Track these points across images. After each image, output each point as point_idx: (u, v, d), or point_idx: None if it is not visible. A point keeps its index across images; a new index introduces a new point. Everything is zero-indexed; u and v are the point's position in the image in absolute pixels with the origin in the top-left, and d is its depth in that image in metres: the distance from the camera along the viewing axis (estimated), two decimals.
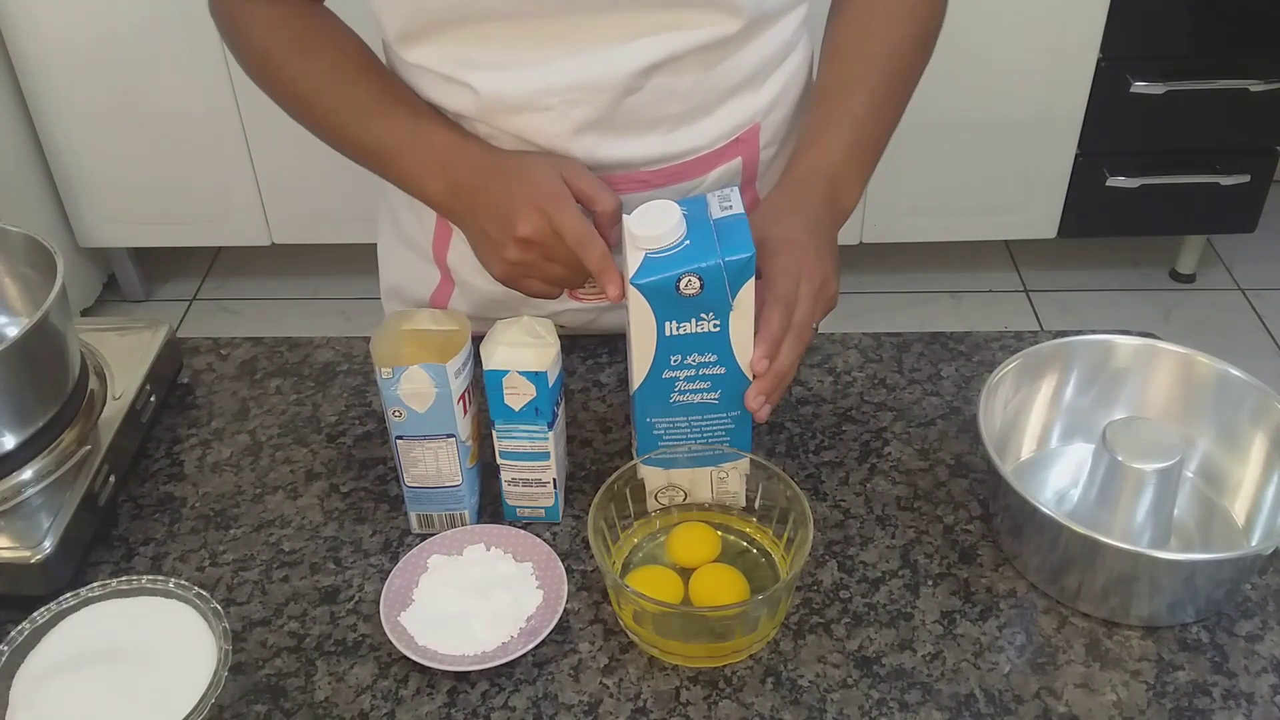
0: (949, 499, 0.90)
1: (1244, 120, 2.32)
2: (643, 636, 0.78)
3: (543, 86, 0.86)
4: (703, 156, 0.93)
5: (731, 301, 0.78)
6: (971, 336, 1.05)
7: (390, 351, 0.84)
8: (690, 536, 0.84)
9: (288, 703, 0.77)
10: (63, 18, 2.19)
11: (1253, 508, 0.86)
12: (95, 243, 2.51)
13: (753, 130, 0.95)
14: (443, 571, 0.83)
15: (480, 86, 0.87)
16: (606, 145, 0.89)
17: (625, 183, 0.91)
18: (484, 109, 0.88)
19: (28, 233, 0.93)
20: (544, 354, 0.82)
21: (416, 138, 0.88)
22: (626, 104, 0.87)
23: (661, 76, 0.87)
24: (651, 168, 0.92)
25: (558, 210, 0.82)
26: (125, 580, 0.77)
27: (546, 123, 0.87)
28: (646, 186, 0.92)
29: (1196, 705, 0.76)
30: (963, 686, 0.77)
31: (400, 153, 0.89)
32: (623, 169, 0.91)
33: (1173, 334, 1.53)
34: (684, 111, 0.90)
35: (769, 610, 0.77)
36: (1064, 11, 2.18)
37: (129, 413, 0.93)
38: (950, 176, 2.41)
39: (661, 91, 0.88)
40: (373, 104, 0.89)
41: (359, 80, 0.91)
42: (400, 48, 0.89)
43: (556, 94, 0.86)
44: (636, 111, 0.88)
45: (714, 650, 0.78)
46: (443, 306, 1.07)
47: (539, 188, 0.83)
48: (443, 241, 1.02)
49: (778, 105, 0.96)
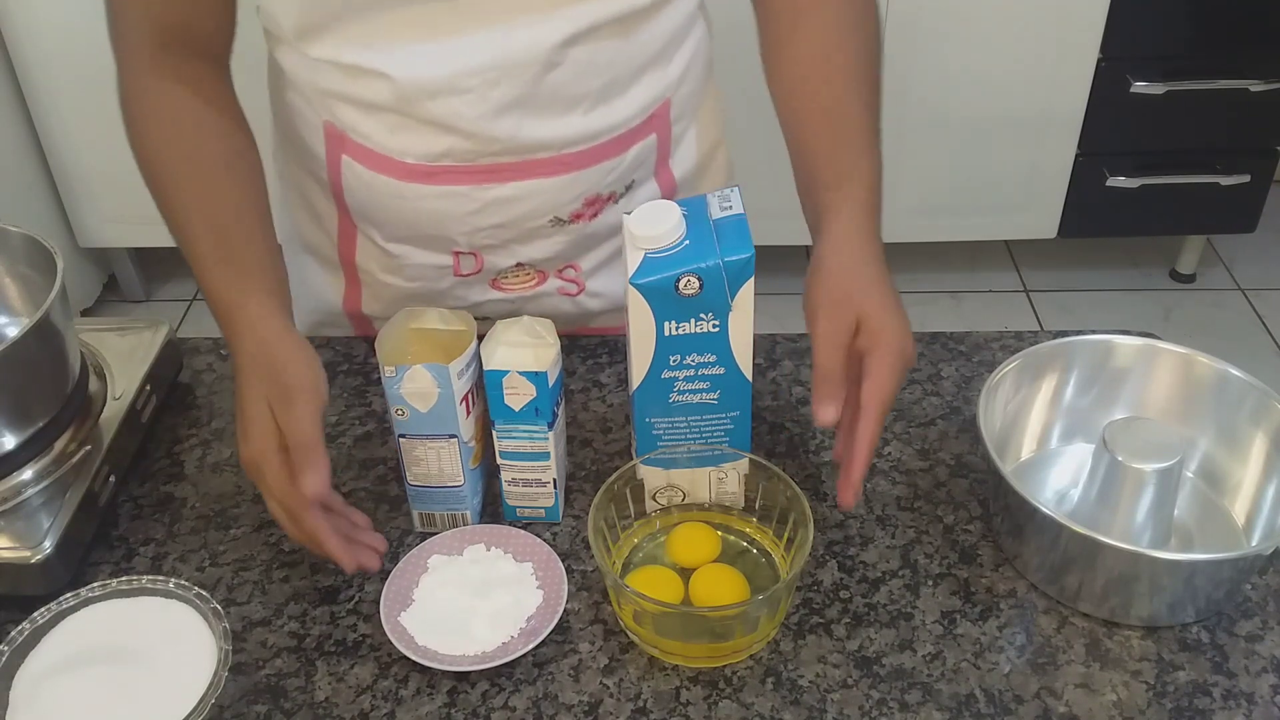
0: (949, 499, 0.90)
1: (1244, 120, 2.32)
2: (643, 637, 0.78)
3: (460, 68, 0.85)
4: (620, 135, 0.94)
5: (731, 302, 0.78)
6: (971, 336, 1.05)
7: (396, 349, 0.84)
8: (690, 537, 0.84)
9: (288, 703, 0.77)
10: (63, 18, 2.19)
11: (1253, 508, 0.86)
12: (95, 243, 2.51)
13: (664, 106, 0.96)
14: (443, 571, 0.83)
15: (395, 73, 0.85)
16: (528, 126, 0.89)
17: (549, 166, 0.92)
18: (401, 97, 0.87)
19: (28, 233, 0.93)
20: (544, 354, 0.82)
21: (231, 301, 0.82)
22: (547, 80, 0.87)
23: (580, 48, 0.87)
24: (573, 149, 0.92)
25: (255, 473, 0.78)
26: (125, 580, 0.77)
27: (466, 105, 0.87)
28: (568, 169, 0.92)
29: (1197, 705, 0.76)
30: (963, 686, 0.77)
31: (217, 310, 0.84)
32: (545, 151, 0.91)
33: (1173, 334, 1.53)
34: (602, 86, 0.90)
35: (769, 610, 0.77)
36: (1064, 11, 2.18)
37: (129, 413, 0.93)
38: (950, 176, 2.41)
39: (581, 65, 0.88)
40: (214, 250, 0.84)
41: (214, 217, 0.86)
42: (302, 44, 0.87)
43: (476, 74, 0.85)
44: (557, 89, 0.88)
45: (714, 650, 0.78)
46: (356, 312, 1.07)
47: (257, 436, 0.78)
48: (348, 242, 1.02)
49: (685, 79, 0.97)
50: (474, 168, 0.91)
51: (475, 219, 0.94)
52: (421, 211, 0.94)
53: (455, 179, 0.91)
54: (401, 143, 0.90)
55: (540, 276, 1.02)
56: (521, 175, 0.92)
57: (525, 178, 0.92)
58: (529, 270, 1.01)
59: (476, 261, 0.99)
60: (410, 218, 0.95)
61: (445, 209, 0.93)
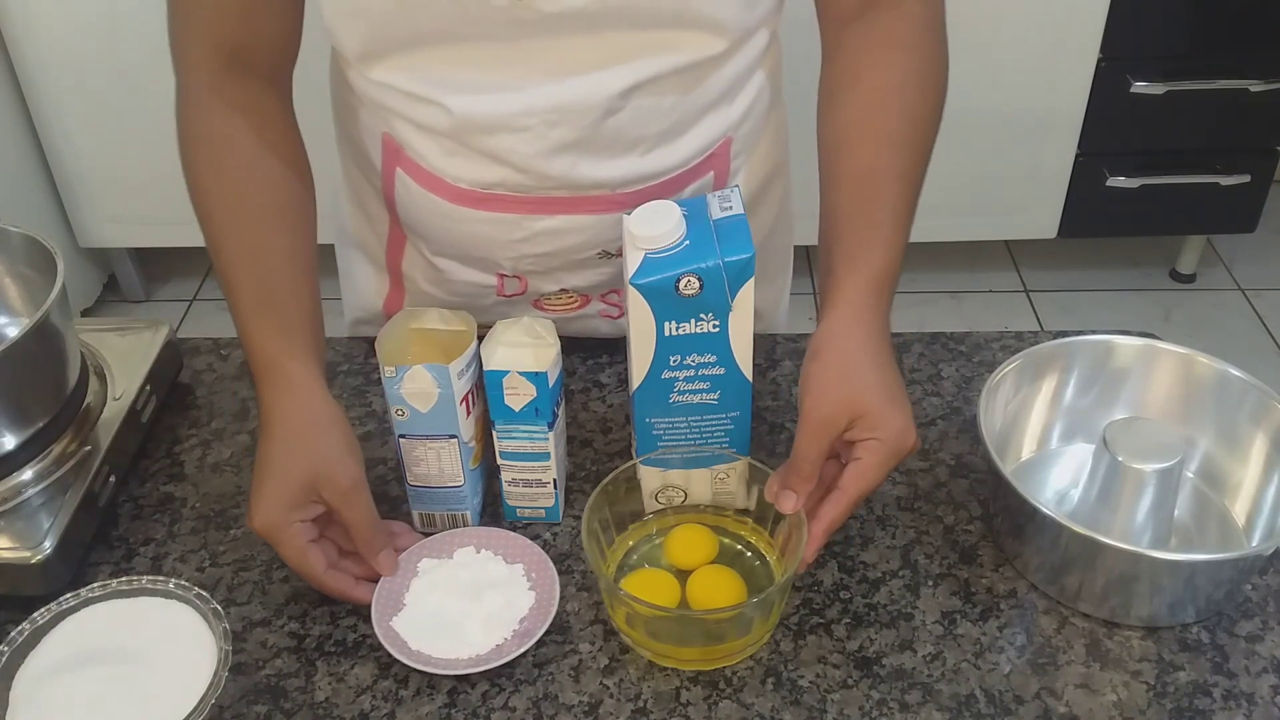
0: (949, 499, 0.90)
1: (1244, 120, 2.32)
2: (636, 640, 0.78)
3: (520, 108, 0.84)
4: (677, 175, 0.91)
5: (731, 302, 0.78)
6: (971, 336, 1.05)
7: (396, 349, 0.84)
8: (687, 539, 0.84)
9: (288, 703, 0.77)
10: (63, 18, 2.19)
11: (1253, 508, 0.86)
12: (95, 243, 2.51)
13: (725, 144, 0.93)
14: (433, 575, 0.82)
15: (454, 107, 0.84)
16: (583, 166, 0.87)
17: (601, 203, 0.90)
18: (457, 128, 0.86)
19: (28, 233, 0.93)
20: (544, 354, 0.82)
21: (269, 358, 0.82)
22: (606, 125, 0.85)
23: (643, 97, 0.85)
24: (629, 189, 0.90)
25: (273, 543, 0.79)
26: (125, 580, 0.77)
27: (522, 143, 0.85)
28: (621, 207, 0.89)
29: (1197, 705, 0.76)
30: (963, 687, 0.77)
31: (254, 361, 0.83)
32: (598, 189, 0.89)
33: (1173, 334, 1.53)
34: (663, 131, 0.88)
35: (762, 613, 0.77)
36: (1064, 11, 2.18)
37: (129, 413, 0.93)
38: (950, 176, 2.40)
39: (642, 112, 0.86)
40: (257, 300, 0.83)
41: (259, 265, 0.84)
42: (363, 67, 0.86)
43: (534, 114, 0.84)
44: (616, 132, 0.86)
45: (708, 654, 0.78)
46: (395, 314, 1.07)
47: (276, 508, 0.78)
48: (397, 248, 1.01)
49: (748, 116, 0.94)
50: (525, 198, 0.89)
51: (522, 246, 0.93)
52: (469, 234, 0.93)
53: (505, 207, 0.90)
54: (455, 167, 0.89)
55: (583, 300, 1.01)
56: (572, 210, 0.90)
57: (576, 212, 0.90)
58: (572, 294, 1.00)
59: (521, 284, 0.98)
60: (457, 238, 0.95)
61: (492, 234, 0.92)
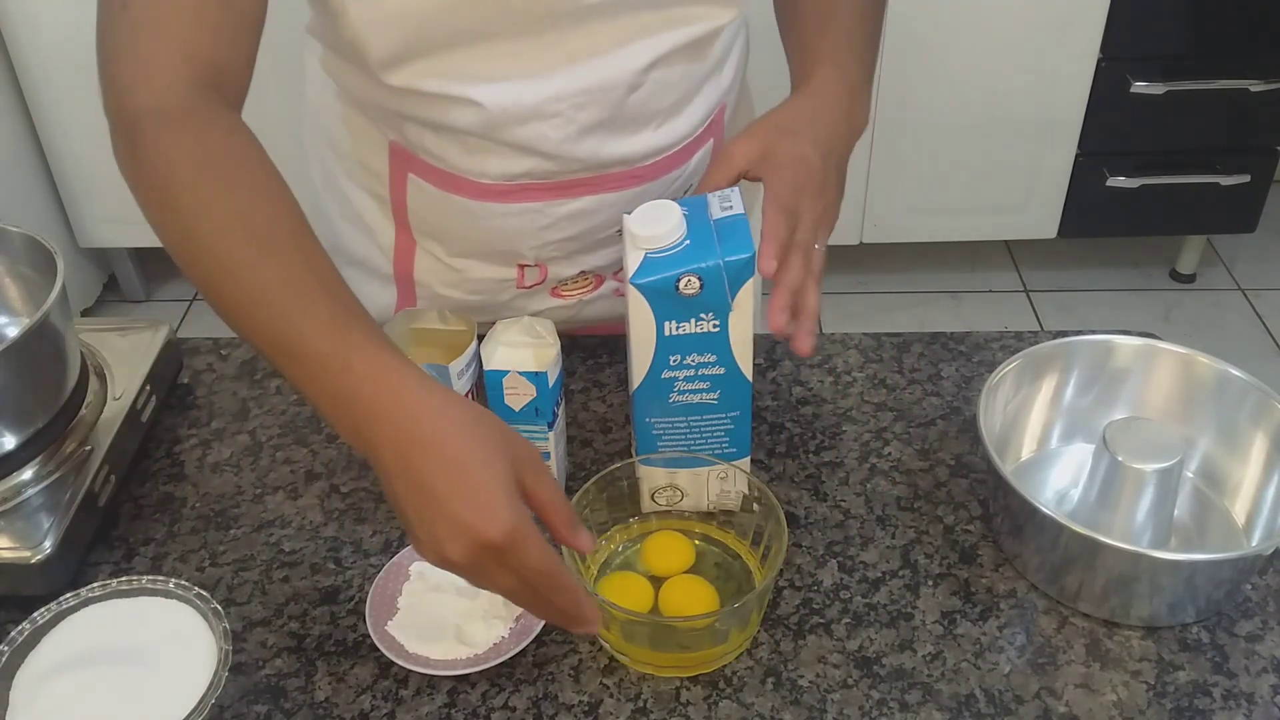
0: (949, 499, 0.90)
1: (1244, 120, 2.32)
2: (612, 644, 0.78)
3: (550, 94, 0.86)
4: (686, 145, 0.95)
5: (731, 302, 0.78)
6: (971, 336, 1.05)
7: None
8: (664, 545, 0.83)
9: (288, 703, 0.77)
10: (63, 18, 2.19)
11: (1253, 508, 0.86)
12: (95, 243, 2.51)
13: (720, 111, 0.98)
14: (427, 576, 0.82)
15: (485, 101, 0.85)
16: (609, 145, 0.90)
17: (620, 180, 0.93)
18: (488, 123, 0.87)
19: (28, 233, 0.93)
20: (544, 354, 0.82)
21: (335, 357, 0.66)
22: (629, 102, 0.88)
23: (659, 70, 0.88)
24: (644, 162, 0.93)
25: (518, 549, 0.63)
26: (125, 580, 0.77)
27: (553, 129, 0.87)
28: (639, 181, 0.94)
29: (1197, 705, 0.76)
30: (963, 687, 0.77)
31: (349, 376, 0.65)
32: (621, 165, 0.92)
33: (1173, 334, 1.53)
34: (674, 102, 0.92)
35: (739, 623, 0.76)
36: (1064, 11, 2.18)
37: (129, 413, 0.93)
38: (950, 176, 2.41)
39: (659, 85, 0.89)
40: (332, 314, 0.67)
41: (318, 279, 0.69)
42: (383, 73, 0.85)
43: (564, 99, 0.86)
44: (637, 108, 0.89)
45: (680, 660, 0.77)
46: None
47: (491, 513, 0.62)
48: (406, 256, 1.01)
49: (735, 81, 0.99)
50: (551, 184, 0.91)
51: (546, 233, 0.95)
52: (492, 229, 0.94)
53: (531, 196, 0.92)
54: (479, 164, 0.90)
55: (598, 280, 1.03)
56: (594, 189, 0.93)
57: (597, 191, 0.93)
58: (589, 276, 1.02)
59: (541, 272, 0.99)
60: (479, 234, 0.95)
61: (517, 225, 0.94)
